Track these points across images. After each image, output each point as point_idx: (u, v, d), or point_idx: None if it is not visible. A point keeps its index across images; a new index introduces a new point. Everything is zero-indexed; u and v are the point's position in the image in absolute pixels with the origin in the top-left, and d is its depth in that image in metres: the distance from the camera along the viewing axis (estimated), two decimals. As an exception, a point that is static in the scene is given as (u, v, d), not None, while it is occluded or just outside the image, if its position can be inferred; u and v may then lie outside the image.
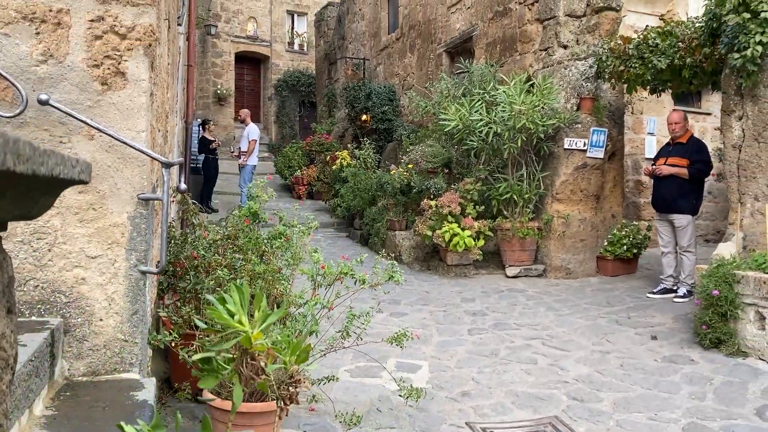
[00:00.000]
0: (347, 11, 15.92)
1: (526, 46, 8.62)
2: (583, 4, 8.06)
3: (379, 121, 12.88)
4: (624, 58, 6.76)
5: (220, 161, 13.24)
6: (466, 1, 10.23)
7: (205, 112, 19.87)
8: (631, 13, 12.07)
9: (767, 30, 4.81)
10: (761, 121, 5.07)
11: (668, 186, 6.22)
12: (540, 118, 7.18)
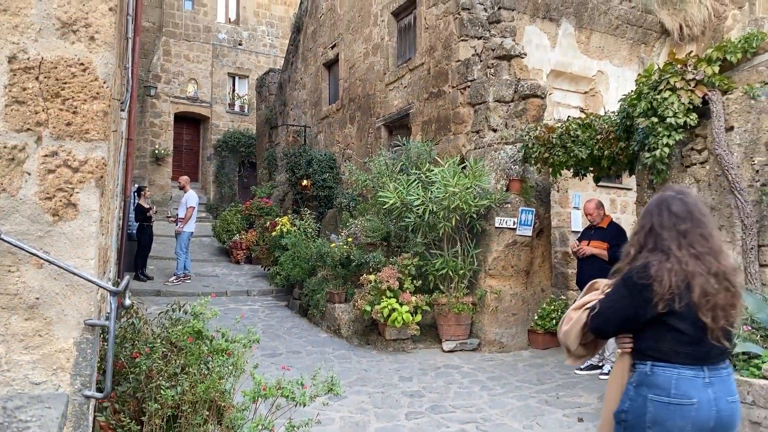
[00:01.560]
0: (289, 79, 16.30)
1: (459, 127, 9.10)
2: (511, 90, 8.63)
3: (320, 188, 13.11)
4: (548, 146, 7.26)
5: (157, 224, 13.10)
6: (403, 80, 10.73)
7: (141, 172, 19.67)
8: (557, 90, 12.92)
9: (673, 134, 5.34)
10: (670, 213, 5.55)
11: (590, 267, 6.63)
12: (472, 199, 7.55)
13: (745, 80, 5.18)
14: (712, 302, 2.17)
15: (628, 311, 2.28)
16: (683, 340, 2.21)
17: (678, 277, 2.18)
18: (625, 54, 12.95)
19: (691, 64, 5.38)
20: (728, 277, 2.23)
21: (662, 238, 2.27)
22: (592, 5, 12.04)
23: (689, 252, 2.22)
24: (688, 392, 2.16)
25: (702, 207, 2.35)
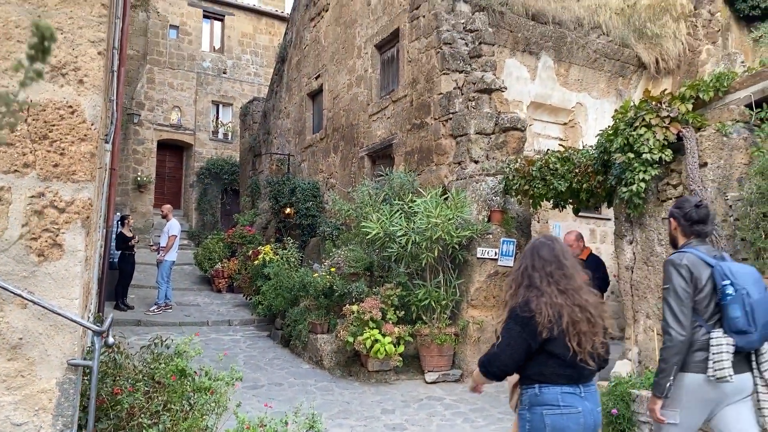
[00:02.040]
0: (273, 108, 16.41)
1: (442, 158, 9.22)
2: (491, 123, 8.79)
3: (303, 217, 13.14)
4: (528, 179, 7.39)
5: (138, 251, 13.01)
6: (386, 112, 10.87)
7: (123, 199, 19.56)
8: (537, 121, 13.16)
9: (649, 169, 5.48)
10: (648, 246, 5.67)
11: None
12: (454, 230, 7.64)
13: (717, 118, 5.34)
14: (577, 329, 2.62)
15: (524, 344, 2.64)
16: (562, 364, 2.64)
17: (553, 309, 2.62)
18: (603, 86, 13.25)
19: (665, 102, 5.55)
20: (589, 308, 2.69)
21: (534, 277, 2.73)
22: (570, 39, 12.33)
23: (557, 288, 2.68)
24: (573, 403, 2.63)
25: (566, 252, 2.85)
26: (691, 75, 13.41)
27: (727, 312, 3.08)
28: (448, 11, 9.55)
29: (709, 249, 3.31)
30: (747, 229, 4.82)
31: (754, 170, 4.90)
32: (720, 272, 3.13)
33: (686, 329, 3.10)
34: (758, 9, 14.13)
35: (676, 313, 3.14)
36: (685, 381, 3.13)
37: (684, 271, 3.17)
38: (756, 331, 3.04)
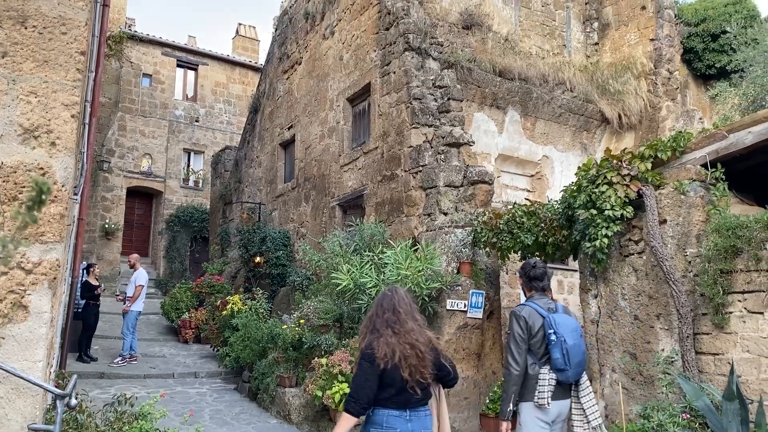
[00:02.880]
0: (245, 157, 16.49)
1: (412, 210, 9.35)
2: (460, 176, 8.98)
3: (273, 266, 13.07)
4: (496, 232, 7.53)
5: (103, 301, 12.74)
6: (357, 163, 11.02)
7: (90, 247, 19.25)
8: (505, 173, 13.45)
9: (611, 225, 5.64)
10: (613, 301, 5.79)
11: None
12: (424, 282, 7.69)
13: (675, 176, 5.56)
14: (407, 363, 3.23)
15: (375, 379, 3.24)
16: (392, 391, 3.26)
17: (388, 347, 3.25)
18: (568, 140, 13.65)
19: (625, 161, 5.76)
20: (418, 346, 3.30)
21: (376, 323, 3.40)
22: (536, 95, 12.75)
23: (392, 330, 3.33)
24: (394, 425, 3.25)
25: (401, 302, 3.50)
26: (652, 130, 13.92)
27: (551, 354, 4.01)
28: (418, 68, 9.84)
29: (546, 302, 4.22)
30: (706, 285, 4.97)
31: (711, 228, 5.09)
32: (548, 323, 4.03)
33: (521, 366, 4.04)
34: (714, 68, 14.85)
35: (514, 353, 4.07)
36: (524, 407, 4.07)
37: (522, 322, 4.09)
38: (571, 369, 3.98)
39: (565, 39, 14.52)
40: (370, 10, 10.89)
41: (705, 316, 5.03)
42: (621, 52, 14.18)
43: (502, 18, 13.65)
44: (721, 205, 5.35)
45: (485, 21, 13.13)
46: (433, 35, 10.39)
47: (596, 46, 14.63)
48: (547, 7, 14.34)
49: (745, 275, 4.80)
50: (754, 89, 11.26)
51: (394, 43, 10.10)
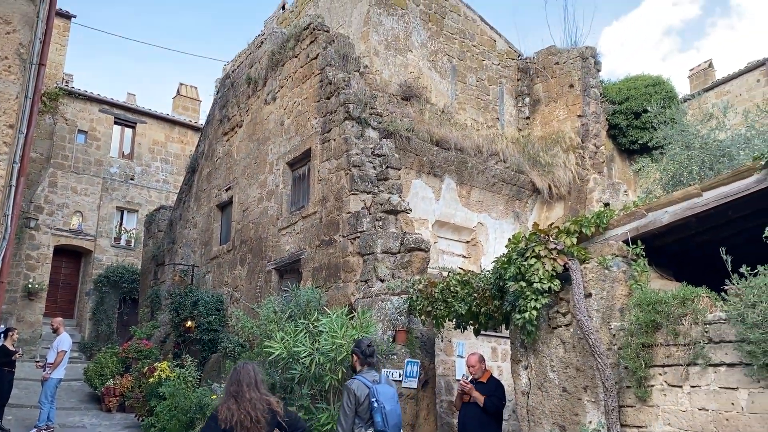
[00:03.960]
0: (180, 217, 16.20)
1: (349, 275, 9.35)
2: (397, 243, 9.09)
3: (205, 331, 12.69)
4: (431, 300, 7.60)
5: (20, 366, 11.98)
6: (296, 227, 11.01)
7: (10, 308, 18.24)
8: (442, 239, 13.69)
9: (540, 297, 5.80)
10: (542, 372, 5.90)
11: (471, 416, 6.78)
12: (359, 351, 7.61)
13: (599, 251, 5.80)
14: (243, 425, 3.97)
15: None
16: None
17: (228, 412, 4.00)
18: (502, 208, 14.08)
19: (552, 235, 5.98)
20: (252, 414, 4.00)
21: (227, 392, 4.18)
22: (471, 164, 13.18)
23: (234, 399, 4.08)
24: None
25: (246, 376, 4.20)
26: (580, 201, 14.54)
27: (373, 418, 4.89)
28: (358, 136, 10.05)
29: (372, 375, 5.17)
30: (629, 359, 5.14)
31: (633, 302, 5.31)
32: (372, 392, 4.94)
33: (346, 430, 4.98)
34: (637, 144, 15.76)
35: (341, 420, 5.03)
36: None
37: (351, 394, 4.98)
38: (389, 429, 4.87)
39: (498, 113, 15.19)
40: (312, 78, 11.14)
41: (629, 389, 5.18)
42: (551, 126, 14.92)
43: (439, 91, 14.21)
44: (641, 280, 5.61)
45: (423, 93, 13.64)
46: (372, 105, 10.68)
47: (528, 120, 15.35)
48: (482, 83, 15.03)
49: (665, 349, 5.00)
50: (673, 165, 11.95)
51: (335, 112, 10.32)
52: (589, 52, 14.86)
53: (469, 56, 15.01)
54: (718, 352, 4.65)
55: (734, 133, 11.92)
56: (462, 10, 15.07)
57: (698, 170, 11.41)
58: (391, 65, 13.74)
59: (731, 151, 11.20)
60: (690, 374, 4.80)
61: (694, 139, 12.05)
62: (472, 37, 15.14)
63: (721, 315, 4.66)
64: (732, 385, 4.52)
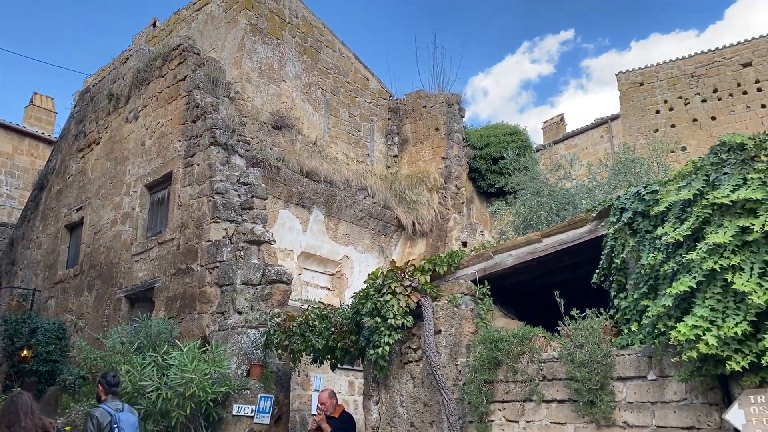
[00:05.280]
0: (23, 236, 14.87)
1: (205, 307, 9.03)
2: (258, 274, 8.93)
3: (42, 362, 11.61)
4: (289, 334, 7.52)
5: None
6: (151, 253, 10.49)
7: None
8: (307, 270, 13.65)
9: (393, 333, 5.93)
10: (392, 407, 6.01)
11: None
12: (210, 386, 7.34)
13: (450, 290, 6.06)
14: None
15: None
16: None
17: None
18: (368, 242, 14.33)
19: (408, 272, 6.18)
20: None
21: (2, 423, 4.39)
22: (339, 198, 13.34)
23: (8, 428, 4.36)
24: None
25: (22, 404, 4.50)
26: (441, 238, 15.15)
27: None
28: (223, 163, 9.84)
29: (115, 404, 5.45)
30: (472, 394, 5.38)
31: (477, 340, 5.58)
32: (114, 419, 5.26)
33: None
34: (494, 188, 16.75)
35: None
36: None
37: (94, 420, 5.21)
38: None
39: (369, 149, 15.57)
40: (178, 100, 10.79)
41: (471, 424, 5.40)
42: (417, 166, 15.51)
43: (312, 123, 14.33)
44: (487, 318, 5.92)
45: (295, 124, 13.68)
46: (241, 132, 10.53)
47: (396, 158, 15.85)
48: (354, 119, 15.36)
49: (505, 385, 5.29)
50: (524, 210, 12.82)
51: (201, 136, 10.05)
52: (455, 99, 15.71)
53: (342, 92, 15.30)
54: (550, 389, 5.00)
55: (578, 183, 13.06)
56: (337, 47, 15.38)
57: (546, 215, 12.33)
58: (263, 93, 13.68)
59: (575, 200, 12.25)
60: (526, 410, 5.10)
61: (544, 186, 13.05)
62: (346, 74, 15.47)
63: (554, 354, 5.03)
64: (561, 420, 4.86)
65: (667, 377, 4.30)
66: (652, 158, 12.97)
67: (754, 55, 17.74)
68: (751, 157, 4.02)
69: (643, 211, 4.63)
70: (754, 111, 17.52)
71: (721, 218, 3.85)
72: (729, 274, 3.66)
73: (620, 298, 4.77)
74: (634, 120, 19.27)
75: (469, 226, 15.07)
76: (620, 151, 13.85)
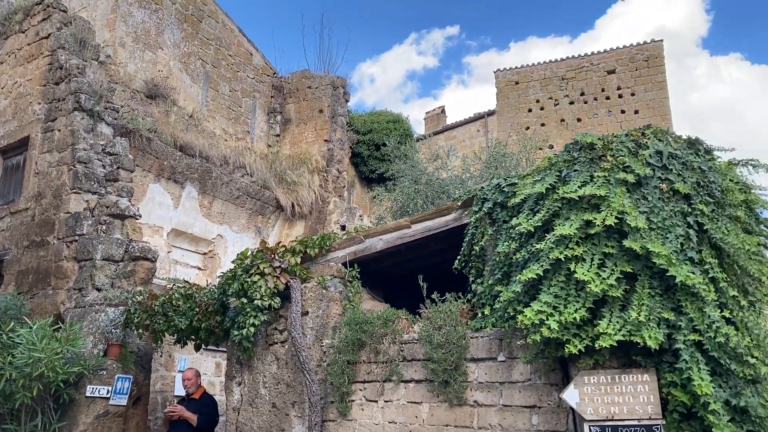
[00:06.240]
0: None
1: (61, 282, 8.45)
2: (121, 250, 8.48)
3: None
4: (151, 314, 7.22)
5: None
6: (1, 223, 9.64)
7: None
8: (177, 249, 13.15)
9: (259, 314, 5.87)
10: (254, 389, 5.95)
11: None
12: (61, 366, 6.89)
13: (320, 272, 6.08)
14: None
15: None
16: None
17: None
18: (244, 222, 14.04)
19: (279, 253, 6.13)
20: None
21: None
22: (215, 174, 12.94)
23: None
24: None
25: None
26: (320, 221, 15.16)
27: None
28: (88, 130, 9.20)
29: None
30: (335, 375, 5.45)
31: (344, 321, 5.66)
32: None
33: None
34: (375, 174, 16.97)
35: None
36: None
37: None
38: None
39: (249, 126, 15.20)
40: (39, 59, 9.94)
41: (333, 404, 5.48)
42: (299, 147, 15.36)
43: (189, 95, 13.76)
44: (355, 300, 6.00)
45: (171, 94, 13.07)
46: (110, 99, 9.88)
47: (278, 137, 15.61)
48: (235, 94, 14.92)
49: (367, 366, 5.41)
50: (402, 197, 13.13)
51: (63, 100, 9.33)
52: (340, 82, 15.69)
53: (224, 65, 14.80)
54: (409, 370, 5.17)
55: (453, 174, 13.54)
56: (220, 18, 14.84)
57: (422, 203, 12.70)
58: (138, 60, 12.94)
59: (450, 189, 12.70)
60: (385, 390, 5.25)
61: (422, 175, 13.42)
62: (229, 47, 14.98)
63: (414, 336, 5.20)
64: (417, 400, 5.05)
65: (515, 359, 4.58)
66: (522, 154, 13.70)
67: (617, 64, 19.18)
68: (599, 156, 4.34)
69: (502, 202, 4.89)
70: (615, 116, 18.98)
71: (568, 212, 4.14)
72: (572, 263, 3.95)
73: (477, 283, 5.00)
74: (509, 117, 20.23)
75: (348, 210, 15.18)
76: (493, 145, 14.50)
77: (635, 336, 3.64)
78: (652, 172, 4.10)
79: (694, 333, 3.67)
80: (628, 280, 3.89)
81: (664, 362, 3.80)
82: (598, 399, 3.94)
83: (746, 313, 3.92)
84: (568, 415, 4.27)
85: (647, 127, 4.46)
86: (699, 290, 3.67)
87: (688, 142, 4.39)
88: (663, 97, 18.49)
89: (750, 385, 3.78)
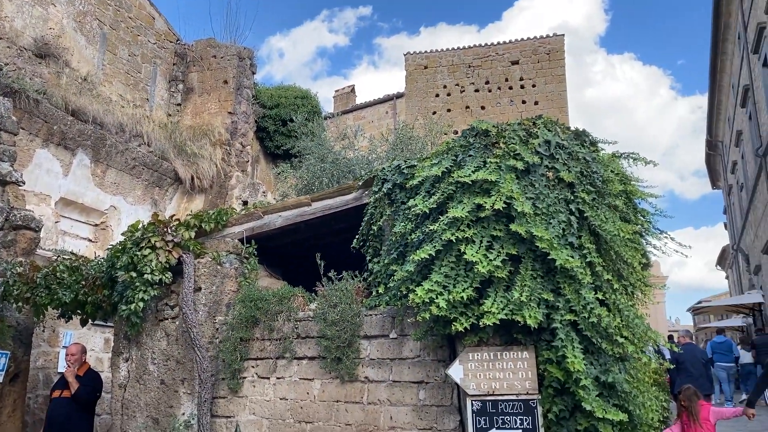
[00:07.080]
0: None
1: (-71, 251, 7.78)
2: (1, 218, 7.91)
3: None
4: (32, 286, 6.80)
5: None
6: None
7: None
8: (66, 219, 12.44)
9: (149, 289, 5.67)
10: (142, 365, 5.77)
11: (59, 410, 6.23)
12: (-73, 341, 6.39)
13: (215, 248, 5.95)
14: None
15: None
16: None
17: None
18: (139, 193, 13.46)
19: (172, 227, 5.93)
20: None
21: None
22: (110, 142, 12.30)
23: None
24: None
25: None
26: (221, 196, 14.79)
27: None
28: (-36, 87, 8.47)
29: None
30: (227, 352, 5.38)
31: (239, 298, 5.58)
32: None
33: None
34: (281, 150, 16.71)
35: None
36: None
37: None
38: None
39: (149, 93, 14.51)
40: None
41: (224, 381, 5.41)
42: (202, 118, 14.85)
43: (84, 57, 12.94)
44: (251, 277, 5.93)
45: (63, 55, 12.25)
46: (-9, 55, 9.14)
47: (179, 107, 15.01)
48: (134, 58, 14.18)
49: (260, 343, 5.37)
50: (308, 174, 13.01)
51: (-64, 52, 8.52)
52: (247, 53, 15.27)
53: (123, 27, 14.01)
54: (303, 347, 5.19)
55: (360, 154, 13.57)
56: (121, -24, 14.01)
57: (328, 182, 12.64)
58: (26, 15, 12.00)
59: (356, 169, 12.71)
60: (278, 367, 5.24)
61: (329, 153, 13.34)
62: (129, 9, 14.18)
63: (310, 313, 5.21)
64: (309, 377, 5.08)
65: (406, 336, 4.70)
66: (428, 138, 13.92)
67: (521, 55, 19.85)
68: (492, 143, 4.50)
69: (401, 184, 4.96)
70: (516, 105, 19.68)
71: (462, 195, 4.27)
72: (462, 245, 4.08)
73: (374, 262, 5.07)
74: (417, 100, 20.49)
75: (251, 186, 14.89)
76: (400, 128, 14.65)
77: (517, 315, 3.83)
78: (540, 160, 4.30)
79: (570, 313, 3.90)
80: (513, 262, 4.07)
81: (542, 340, 4.03)
82: (481, 375, 4.13)
83: (618, 295, 4.22)
84: (453, 390, 4.44)
85: (539, 117, 4.66)
86: (576, 273, 3.90)
87: (575, 133, 4.63)
88: (561, 90, 19.35)
89: (618, 363, 4.08)
